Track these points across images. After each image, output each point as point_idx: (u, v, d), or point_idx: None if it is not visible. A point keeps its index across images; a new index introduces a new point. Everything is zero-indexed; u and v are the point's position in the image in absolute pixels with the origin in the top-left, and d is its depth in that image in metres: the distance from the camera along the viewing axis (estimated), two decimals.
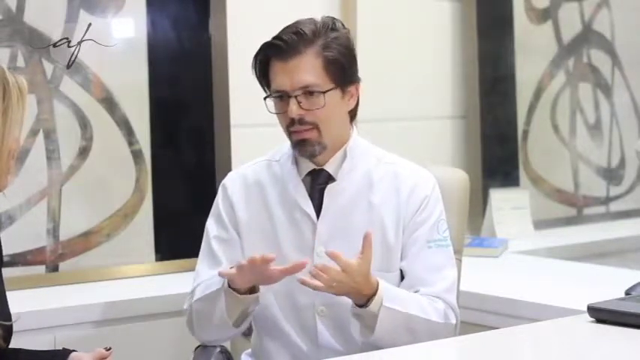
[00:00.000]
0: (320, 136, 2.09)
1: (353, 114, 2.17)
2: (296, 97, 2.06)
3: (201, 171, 2.90)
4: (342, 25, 2.14)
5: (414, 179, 2.16)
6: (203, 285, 2.12)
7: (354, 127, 2.19)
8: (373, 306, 2.00)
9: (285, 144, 2.18)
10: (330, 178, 2.14)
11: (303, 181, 2.15)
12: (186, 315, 2.17)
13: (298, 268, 1.96)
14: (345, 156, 2.14)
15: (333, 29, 2.10)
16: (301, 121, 2.07)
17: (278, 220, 2.15)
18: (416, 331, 2.04)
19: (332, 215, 2.13)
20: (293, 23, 2.11)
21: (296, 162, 2.16)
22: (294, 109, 2.06)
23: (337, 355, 2.08)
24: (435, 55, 3.50)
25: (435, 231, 2.13)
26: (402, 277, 2.14)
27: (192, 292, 2.15)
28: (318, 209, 2.13)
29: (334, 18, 2.14)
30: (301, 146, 2.10)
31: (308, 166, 2.15)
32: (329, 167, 2.14)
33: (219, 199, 2.22)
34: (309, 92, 2.06)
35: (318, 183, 2.14)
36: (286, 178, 2.16)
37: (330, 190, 2.13)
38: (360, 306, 2.01)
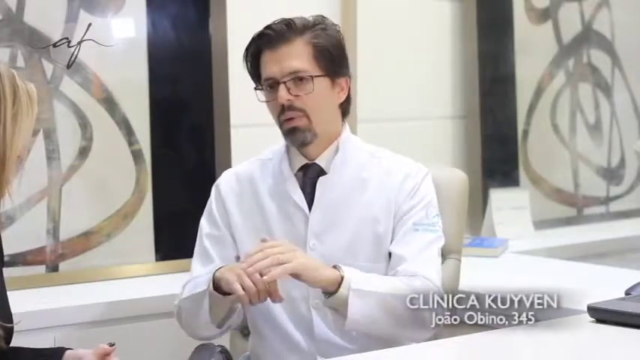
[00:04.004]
0: (310, 122, 2.10)
1: (344, 110, 2.19)
2: (285, 83, 2.08)
3: (201, 171, 2.90)
4: (333, 24, 2.17)
5: (405, 170, 2.18)
6: (192, 283, 2.15)
7: (346, 124, 2.20)
8: (342, 290, 2.00)
9: (278, 143, 2.20)
10: (321, 172, 2.16)
11: (295, 175, 2.17)
12: (175, 310, 2.19)
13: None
14: (337, 150, 2.16)
15: (323, 25, 2.13)
16: (290, 107, 2.09)
17: (271, 214, 2.17)
18: (395, 311, 2.02)
19: (324, 207, 2.14)
20: (284, 18, 2.14)
21: (288, 158, 2.18)
22: (283, 95, 2.08)
23: (334, 347, 2.10)
24: (435, 55, 3.50)
25: (424, 215, 2.14)
26: None
27: (183, 288, 2.17)
28: (310, 202, 2.15)
29: (325, 17, 2.17)
30: (292, 134, 2.12)
31: (300, 161, 2.16)
32: (320, 161, 2.16)
33: (212, 199, 2.24)
34: (298, 78, 2.08)
35: (309, 177, 2.16)
36: (278, 173, 2.18)
37: (322, 182, 2.15)
38: (331, 294, 2.02)
